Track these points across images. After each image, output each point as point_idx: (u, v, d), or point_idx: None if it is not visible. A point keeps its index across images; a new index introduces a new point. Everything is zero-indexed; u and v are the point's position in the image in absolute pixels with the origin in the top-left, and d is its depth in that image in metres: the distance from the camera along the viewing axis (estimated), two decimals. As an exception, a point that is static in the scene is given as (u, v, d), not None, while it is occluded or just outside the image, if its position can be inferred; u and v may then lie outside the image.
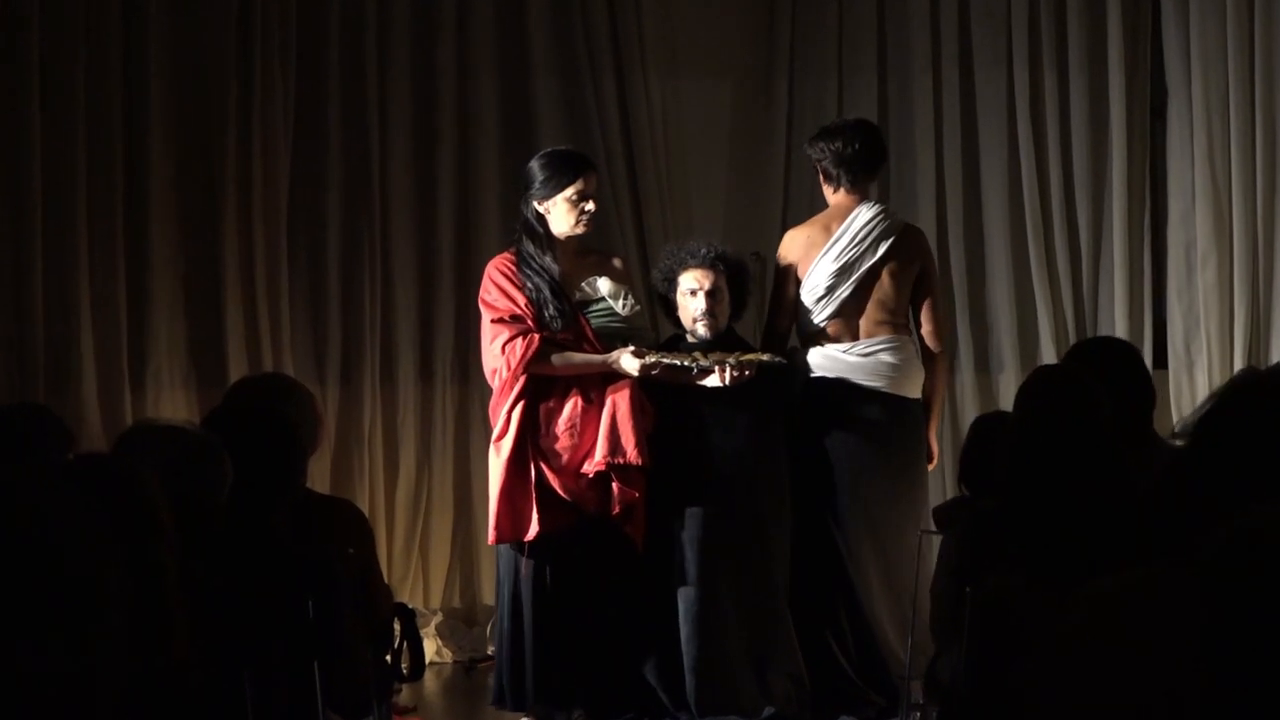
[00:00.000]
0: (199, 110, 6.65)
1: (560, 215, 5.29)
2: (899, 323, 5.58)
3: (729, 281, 5.45)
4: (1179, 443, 2.47)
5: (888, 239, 5.54)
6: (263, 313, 6.68)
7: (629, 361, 5.21)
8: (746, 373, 5.24)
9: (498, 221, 6.88)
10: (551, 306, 5.24)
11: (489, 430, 5.50)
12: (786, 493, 5.40)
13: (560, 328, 5.25)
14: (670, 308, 5.53)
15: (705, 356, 5.28)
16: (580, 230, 5.31)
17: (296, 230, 6.83)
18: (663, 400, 5.32)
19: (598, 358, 5.26)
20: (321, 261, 6.86)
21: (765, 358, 5.30)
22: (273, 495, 3.67)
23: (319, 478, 6.43)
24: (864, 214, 5.55)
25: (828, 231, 5.56)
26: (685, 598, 5.28)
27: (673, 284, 5.47)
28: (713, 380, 5.26)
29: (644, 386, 5.28)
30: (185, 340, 6.64)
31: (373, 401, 6.89)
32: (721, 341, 5.41)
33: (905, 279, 5.58)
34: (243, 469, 3.45)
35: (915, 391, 5.57)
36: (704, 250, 5.44)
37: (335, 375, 6.86)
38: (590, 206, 5.28)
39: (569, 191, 5.27)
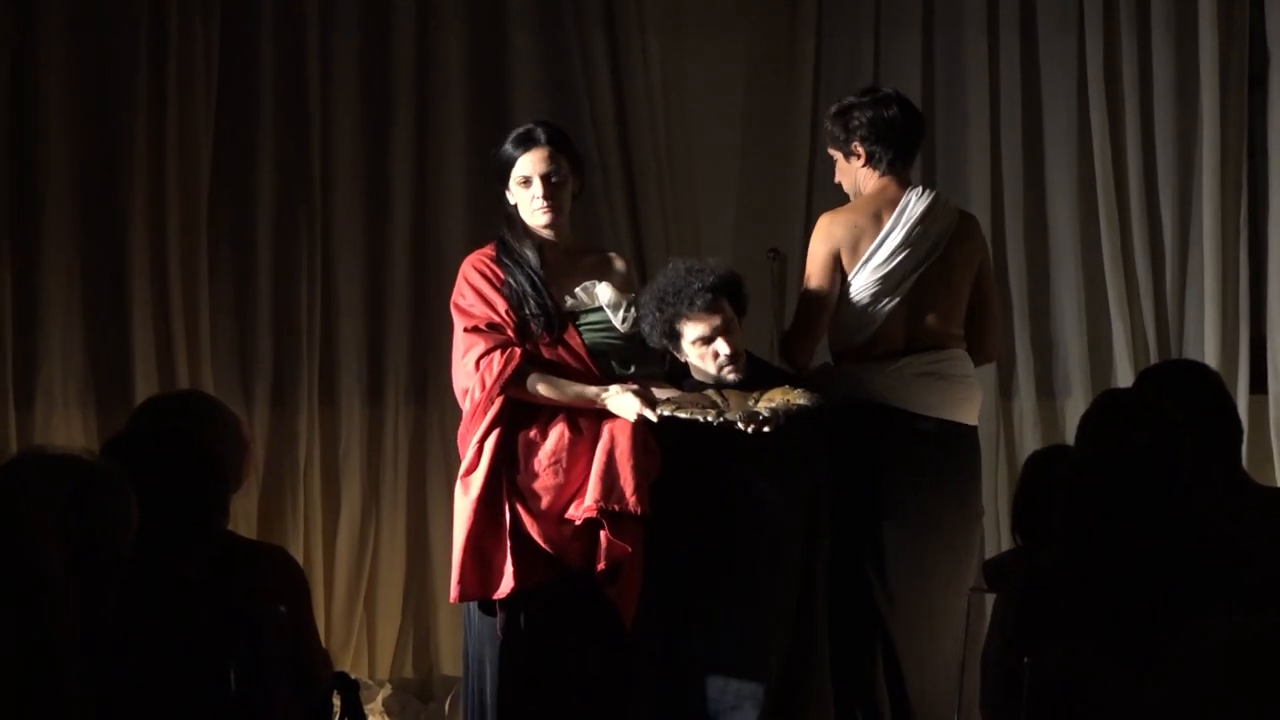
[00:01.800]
0: (102, 75, 6.68)
1: (522, 204, 5.31)
2: (955, 333, 5.51)
3: (730, 301, 5.37)
4: None
5: (948, 233, 5.48)
6: (177, 317, 6.70)
7: (625, 403, 5.15)
8: (780, 424, 5.11)
9: (462, 208, 6.91)
10: (532, 302, 5.20)
11: (452, 462, 5.50)
12: (826, 551, 5.33)
13: (541, 328, 5.21)
14: (676, 355, 5.38)
15: (722, 395, 5.20)
16: (542, 220, 5.28)
17: (219, 219, 6.84)
18: (672, 436, 5.25)
19: (590, 390, 5.19)
20: (250, 256, 6.87)
21: (802, 401, 5.17)
22: (187, 540, 3.68)
23: (244, 519, 6.45)
24: (917, 201, 5.46)
25: (879, 221, 5.46)
26: (714, 687, 5.24)
27: (676, 337, 5.35)
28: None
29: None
30: (82, 351, 6.65)
31: (310, 426, 6.90)
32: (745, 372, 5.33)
33: (964, 280, 5.49)
34: (151, 508, 3.46)
35: (973, 417, 5.53)
36: (697, 285, 5.27)
37: (265, 394, 6.88)
38: (538, 190, 5.26)
39: (515, 174, 5.29)
